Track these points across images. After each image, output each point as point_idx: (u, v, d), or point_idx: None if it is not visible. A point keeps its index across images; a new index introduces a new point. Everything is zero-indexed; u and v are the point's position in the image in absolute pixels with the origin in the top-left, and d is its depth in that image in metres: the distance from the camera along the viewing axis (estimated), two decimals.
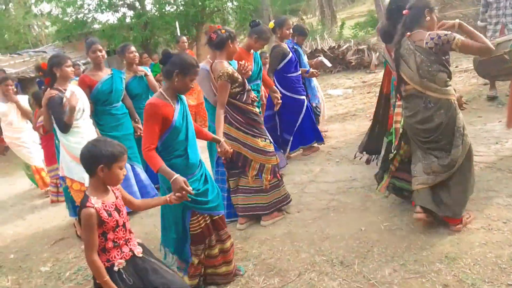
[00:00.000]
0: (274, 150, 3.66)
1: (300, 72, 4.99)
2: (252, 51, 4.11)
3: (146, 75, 4.63)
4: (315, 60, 5.69)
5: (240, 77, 3.36)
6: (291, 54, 4.83)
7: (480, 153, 4.17)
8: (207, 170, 2.78)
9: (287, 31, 4.73)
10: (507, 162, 3.89)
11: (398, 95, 3.11)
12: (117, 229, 2.05)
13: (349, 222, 3.44)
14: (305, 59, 5.41)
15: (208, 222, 2.72)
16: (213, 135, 3.07)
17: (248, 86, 3.49)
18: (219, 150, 3.10)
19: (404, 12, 2.90)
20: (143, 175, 4.45)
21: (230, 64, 3.41)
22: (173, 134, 2.52)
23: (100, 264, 1.99)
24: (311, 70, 5.20)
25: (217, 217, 2.77)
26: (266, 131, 3.69)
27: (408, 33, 2.88)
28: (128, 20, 12.80)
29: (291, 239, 3.33)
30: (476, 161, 3.98)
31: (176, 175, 2.39)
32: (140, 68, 4.68)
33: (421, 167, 2.98)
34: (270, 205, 3.62)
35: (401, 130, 3.16)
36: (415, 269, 2.66)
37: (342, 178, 4.33)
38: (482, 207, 3.20)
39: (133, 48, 4.61)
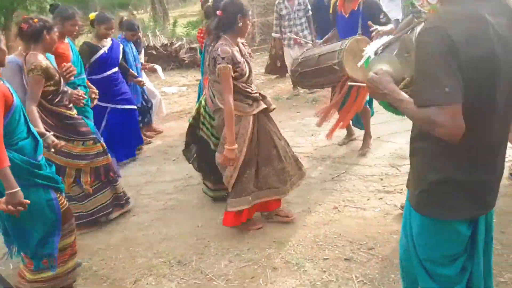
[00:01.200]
0: (102, 149, 3.36)
1: (116, 69, 4.55)
2: (67, 39, 3.68)
3: None
4: (149, 65, 5.57)
5: (57, 74, 3.00)
6: (103, 50, 4.34)
7: (300, 144, 4.70)
8: None
9: (105, 31, 4.33)
10: (320, 152, 4.47)
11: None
12: None
13: (187, 220, 3.45)
14: (141, 57, 5.22)
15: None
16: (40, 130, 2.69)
17: (64, 87, 3.12)
18: (45, 144, 2.70)
19: (218, 12, 2.79)
20: None
21: (47, 58, 3.02)
22: (15, 115, 2.24)
23: None
24: (138, 79, 4.90)
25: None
26: (91, 131, 3.35)
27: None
28: None
29: (126, 245, 3.16)
30: (297, 152, 4.48)
31: (18, 189, 2.11)
32: None
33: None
34: (94, 212, 3.35)
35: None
36: (249, 257, 2.83)
37: (179, 177, 4.32)
38: (302, 193, 3.59)
39: None
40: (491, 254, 1.69)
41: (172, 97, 8.08)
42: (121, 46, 4.67)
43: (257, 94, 2.96)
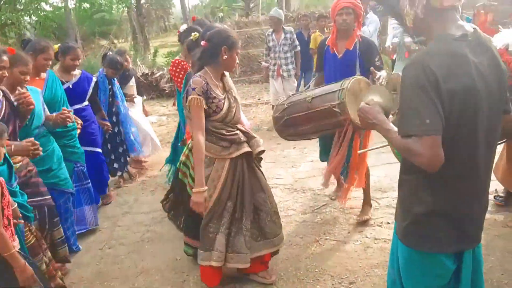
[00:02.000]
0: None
1: (83, 105, 4.04)
2: (42, 74, 3.43)
3: None
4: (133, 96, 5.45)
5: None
6: (66, 85, 3.82)
7: (280, 176, 4.71)
8: None
9: (72, 62, 3.85)
10: (301, 183, 4.48)
11: None
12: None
13: (164, 252, 3.35)
14: (131, 87, 5.18)
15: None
16: None
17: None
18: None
19: (202, 43, 2.58)
20: None
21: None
22: None
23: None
24: (105, 122, 4.44)
25: None
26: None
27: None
28: None
29: (101, 280, 3.04)
30: (276, 184, 4.49)
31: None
32: None
33: None
34: None
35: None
36: None
37: (157, 208, 4.22)
38: (283, 225, 3.56)
39: None
40: None
41: (152, 126, 8.02)
42: (94, 81, 4.19)
43: (237, 136, 2.58)
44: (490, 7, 7.95)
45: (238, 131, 2.61)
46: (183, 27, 4.44)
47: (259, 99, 9.18)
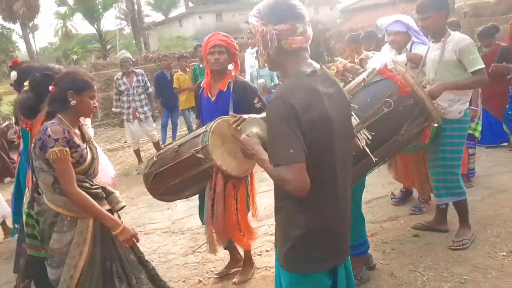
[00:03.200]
0: None
1: None
2: None
3: None
4: None
5: None
6: None
7: (156, 220, 4.51)
8: None
9: None
10: (178, 225, 4.35)
11: None
12: None
13: None
14: None
15: None
16: None
17: None
18: None
19: (50, 88, 2.30)
20: None
21: None
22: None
23: None
24: None
25: None
26: None
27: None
28: None
29: None
30: (153, 228, 4.29)
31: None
32: None
33: None
34: None
35: None
36: None
37: (13, 278, 3.63)
38: (162, 272, 3.39)
39: None
40: None
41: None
42: None
43: (100, 190, 2.33)
44: None
45: (98, 185, 2.36)
46: (13, 74, 3.77)
47: (125, 142, 8.79)
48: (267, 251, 3.53)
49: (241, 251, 3.29)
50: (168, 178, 2.74)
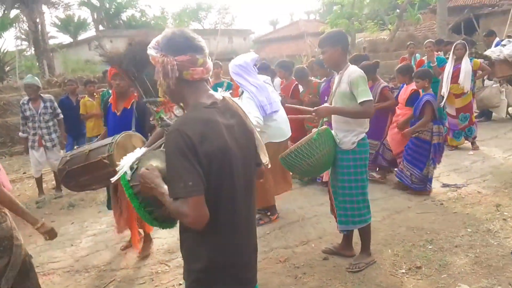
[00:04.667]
0: None
1: None
2: None
3: None
4: None
5: None
6: None
7: (57, 259, 4.13)
8: None
9: None
10: (83, 262, 4.01)
11: None
12: None
13: None
14: None
15: None
16: None
17: None
18: None
19: None
20: None
21: None
22: None
23: None
24: None
25: None
26: None
27: None
28: None
29: None
30: (54, 268, 3.91)
31: None
32: None
33: None
34: None
35: None
36: None
37: None
38: None
39: None
40: None
41: None
42: None
43: None
44: None
45: None
46: None
47: (24, 173, 8.02)
48: (180, 284, 3.41)
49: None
50: (79, 176, 3.42)
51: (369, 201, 3.38)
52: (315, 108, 3.24)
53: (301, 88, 5.88)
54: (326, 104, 3.35)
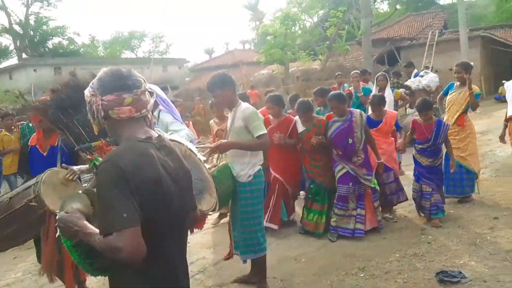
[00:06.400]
0: None
1: None
2: None
3: None
4: None
5: None
6: None
7: None
8: None
9: None
10: None
11: None
12: None
13: None
14: None
15: None
16: None
17: None
18: None
19: None
20: None
21: None
22: None
23: None
24: None
25: None
26: None
27: None
28: None
29: None
30: None
31: None
32: None
33: None
34: None
35: None
36: None
37: None
38: None
39: None
40: None
41: None
42: None
43: None
44: None
45: None
46: None
47: None
48: None
49: None
50: (2, 229, 2.90)
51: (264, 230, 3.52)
52: (218, 142, 3.31)
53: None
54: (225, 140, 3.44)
